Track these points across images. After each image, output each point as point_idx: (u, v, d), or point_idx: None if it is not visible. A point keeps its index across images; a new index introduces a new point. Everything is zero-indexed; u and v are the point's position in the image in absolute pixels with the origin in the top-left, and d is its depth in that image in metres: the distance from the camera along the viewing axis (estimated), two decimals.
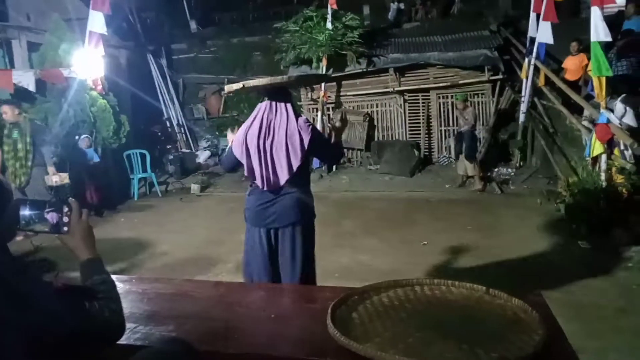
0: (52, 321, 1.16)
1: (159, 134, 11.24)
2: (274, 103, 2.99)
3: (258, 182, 2.97)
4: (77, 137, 8.05)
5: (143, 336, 1.77)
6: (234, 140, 3.10)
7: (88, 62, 8.16)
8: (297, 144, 2.91)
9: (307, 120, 3.08)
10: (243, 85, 2.98)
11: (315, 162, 9.77)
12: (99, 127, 8.41)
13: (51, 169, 6.81)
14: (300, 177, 3.01)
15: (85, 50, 8.14)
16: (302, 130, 2.94)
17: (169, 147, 11.04)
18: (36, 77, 7.79)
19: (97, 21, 8.10)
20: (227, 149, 3.25)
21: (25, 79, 7.68)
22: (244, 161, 2.99)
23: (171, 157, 10.55)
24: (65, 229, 1.41)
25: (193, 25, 13.22)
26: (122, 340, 1.72)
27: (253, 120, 3.03)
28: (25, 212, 1.37)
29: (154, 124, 11.29)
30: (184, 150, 11.48)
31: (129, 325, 1.84)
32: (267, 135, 2.95)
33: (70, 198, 1.47)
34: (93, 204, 7.88)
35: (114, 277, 2.36)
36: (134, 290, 2.22)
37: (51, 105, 8.02)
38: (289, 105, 3.02)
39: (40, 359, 1.15)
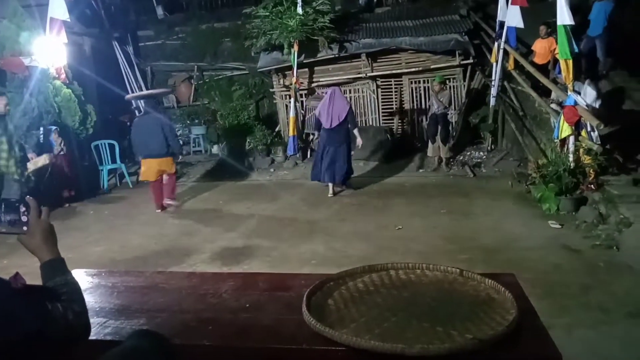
0: (10, 323, 1.11)
1: (128, 123, 10.93)
2: (335, 90, 7.54)
3: (325, 124, 7.30)
4: (41, 129, 7.78)
5: (113, 331, 1.72)
6: (318, 107, 7.55)
7: (50, 50, 7.86)
8: (343, 111, 7.28)
9: (348, 103, 7.70)
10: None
11: (290, 149, 9.73)
12: (64, 118, 8.14)
13: (32, 155, 6.89)
14: (343, 125, 7.31)
15: (47, 37, 7.83)
16: (346, 106, 7.39)
17: None
18: None
19: (58, 7, 7.79)
20: (314, 119, 7.98)
21: None
22: (319, 115, 7.42)
23: None
24: (25, 228, 1.33)
25: (160, 11, 12.83)
26: (93, 336, 1.66)
27: (325, 100, 7.42)
28: None
29: (122, 113, 10.97)
30: None
31: (99, 320, 1.79)
32: (330, 106, 7.26)
33: (28, 196, 1.39)
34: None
35: (81, 271, 2.30)
36: (104, 284, 2.16)
37: (12, 96, 7.68)
38: (341, 92, 7.74)
39: None
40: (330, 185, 7.48)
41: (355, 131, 7.55)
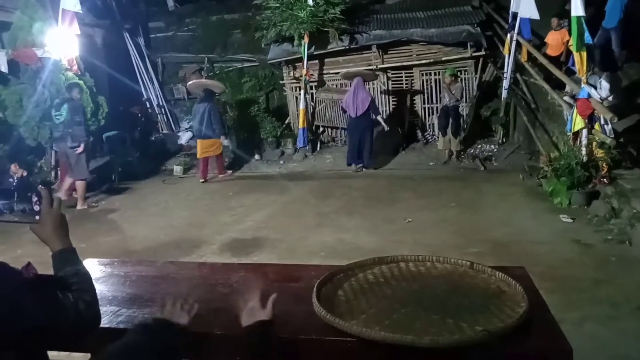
0: (21, 313, 1.12)
1: (139, 115, 11.01)
2: (358, 81, 8.56)
3: (351, 113, 8.43)
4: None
5: (126, 319, 1.74)
6: (344, 99, 8.63)
7: (62, 42, 7.91)
8: (366, 101, 8.39)
9: (370, 94, 8.82)
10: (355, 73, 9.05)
11: (299, 141, 9.73)
12: None
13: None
14: (366, 113, 8.40)
15: (59, 29, 7.88)
16: (368, 96, 8.55)
17: (149, 128, 10.85)
18: (8, 57, 7.55)
19: None
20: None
21: None
22: (345, 105, 8.56)
23: (152, 138, 10.37)
24: (37, 218, 1.34)
25: (170, 2, 12.85)
26: (105, 324, 1.69)
27: (350, 91, 8.60)
28: None
29: (133, 104, 11.05)
30: (164, 131, 11.29)
31: (111, 309, 1.81)
32: (355, 97, 8.39)
33: (40, 185, 1.41)
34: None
35: (94, 260, 2.33)
36: (116, 273, 2.19)
37: (25, 87, 7.79)
38: (363, 82, 8.70)
39: (10, 353, 1.11)
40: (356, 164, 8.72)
41: (379, 118, 8.91)
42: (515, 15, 8.56)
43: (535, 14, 8.00)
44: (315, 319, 1.60)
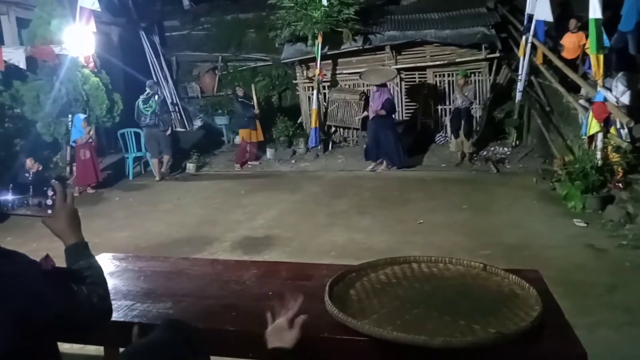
0: (42, 303, 1.14)
1: None
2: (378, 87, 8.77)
3: (371, 114, 8.73)
4: (69, 116, 7.96)
5: (141, 313, 1.77)
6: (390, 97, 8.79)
7: (79, 39, 8.01)
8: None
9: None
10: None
11: (311, 141, 9.75)
12: (92, 106, 8.31)
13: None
14: (387, 115, 8.50)
15: (76, 26, 7.98)
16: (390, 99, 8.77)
17: None
18: (27, 54, 7.66)
19: None
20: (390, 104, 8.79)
21: (16, 56, 7.55)
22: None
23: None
24: (49, 212, 1.36)
25: (186, 1, 12.94)
26: (120, 318, 1.72)
27: (374, 92, 8.74)
28: (8, 196, 1.33)
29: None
30: (178, 129, 11.37)
31: (126, 303, 1.84)
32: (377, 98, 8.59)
33: (54, 180, 1.42)
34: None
35: (109, 255, 2.37)
36: (131, 268, 2.22)
37: (43, 83, 7.90)
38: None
39: (26, 343, 1.14)
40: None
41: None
42: (530, 17, 8.48)
43: (549, 17, 7.92)
44: (327, 318, 1.60)
